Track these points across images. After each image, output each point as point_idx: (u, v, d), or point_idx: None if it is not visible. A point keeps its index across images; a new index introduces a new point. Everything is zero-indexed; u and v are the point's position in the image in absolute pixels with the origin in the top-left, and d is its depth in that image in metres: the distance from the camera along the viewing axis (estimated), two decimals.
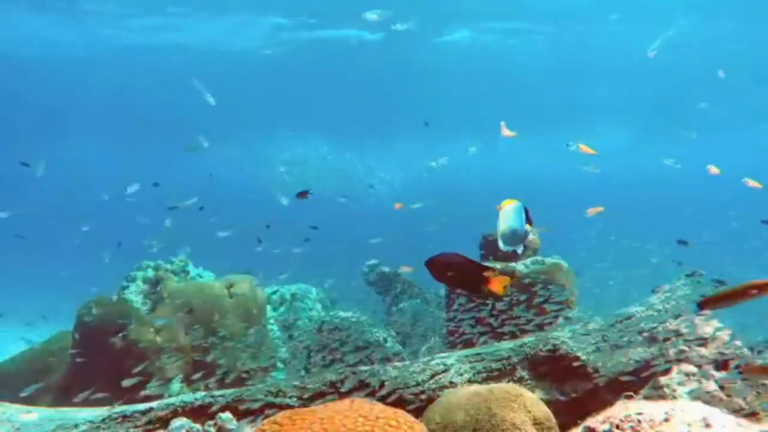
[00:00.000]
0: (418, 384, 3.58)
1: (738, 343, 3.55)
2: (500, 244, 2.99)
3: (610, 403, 2.52)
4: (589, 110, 23.96)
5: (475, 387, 3.23)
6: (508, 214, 2.95)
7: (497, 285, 2.66)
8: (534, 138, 26.52)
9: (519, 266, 5.74)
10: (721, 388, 3.18)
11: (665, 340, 3.70)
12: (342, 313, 7.30)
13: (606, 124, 25.63)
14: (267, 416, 2.95)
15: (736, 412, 2.94)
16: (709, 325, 3.65)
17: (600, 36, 18.04)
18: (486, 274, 2.65)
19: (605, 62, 19.59)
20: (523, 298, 5.27)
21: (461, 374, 3.66)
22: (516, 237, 2.97)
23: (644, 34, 14.78)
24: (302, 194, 5.98)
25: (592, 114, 24.40)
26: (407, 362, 3.79)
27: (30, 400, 4.63)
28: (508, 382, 3.59)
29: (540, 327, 4.91)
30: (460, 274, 2.69)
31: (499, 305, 5.26)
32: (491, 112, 23.90)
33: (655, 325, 3.82)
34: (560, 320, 4.96)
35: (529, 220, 2.97)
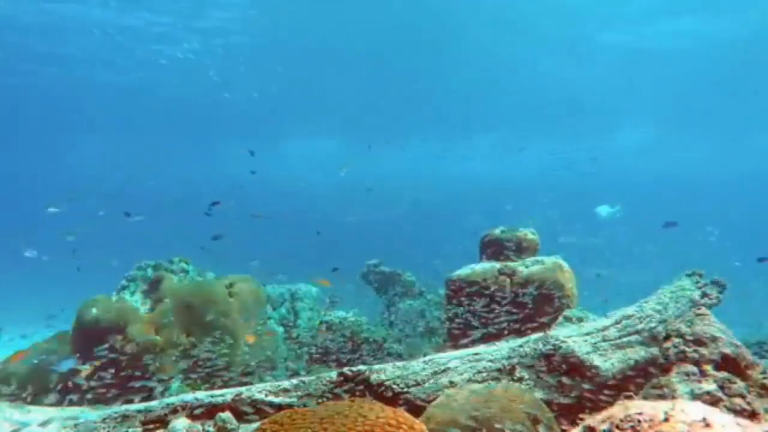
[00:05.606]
0: (418, 384, 3.58)
1: (737, 343, 3.55)
2: None
3: (610, 403, 2.52)
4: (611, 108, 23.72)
5: (474, 387, 3.23)
6: None
7: None
8: (540, 139, 26.40)
9: (519, 266, 5.73)
10: (721, 388, 3.18)
11: (665, 340, 3.70)
12: (342, 313, 7.29)
13: (626, 122, 25.49)
14: (267, 416, 2.95)
15: (736, 412, 2.94)
16: (709, 325, 3.65)
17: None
18: None
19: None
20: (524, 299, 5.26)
21: (461, 374, 3.65)
22: None
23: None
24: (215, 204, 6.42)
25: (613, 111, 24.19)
26: (407, 362, 3.78)
27: (30, 400, 4.63)
28: (508, 382, 3.59)
29: (540, 327, 4.90)
30: None
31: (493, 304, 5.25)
32: (503, 110, 23.81)
33: (655, 325, 3.81)
34: (560, 320, 4.95)
35: None
